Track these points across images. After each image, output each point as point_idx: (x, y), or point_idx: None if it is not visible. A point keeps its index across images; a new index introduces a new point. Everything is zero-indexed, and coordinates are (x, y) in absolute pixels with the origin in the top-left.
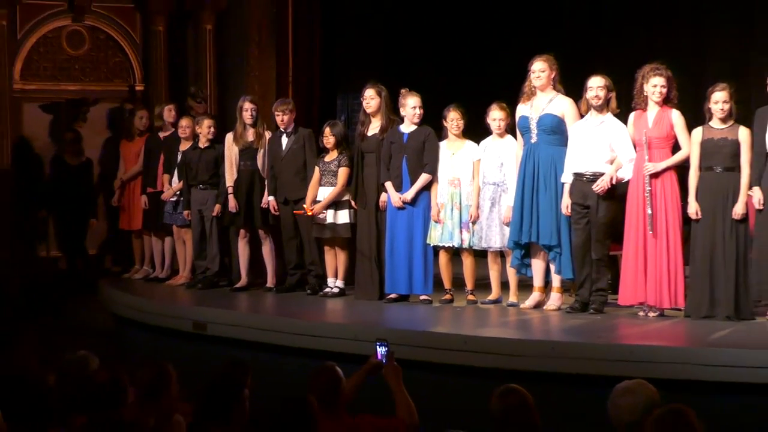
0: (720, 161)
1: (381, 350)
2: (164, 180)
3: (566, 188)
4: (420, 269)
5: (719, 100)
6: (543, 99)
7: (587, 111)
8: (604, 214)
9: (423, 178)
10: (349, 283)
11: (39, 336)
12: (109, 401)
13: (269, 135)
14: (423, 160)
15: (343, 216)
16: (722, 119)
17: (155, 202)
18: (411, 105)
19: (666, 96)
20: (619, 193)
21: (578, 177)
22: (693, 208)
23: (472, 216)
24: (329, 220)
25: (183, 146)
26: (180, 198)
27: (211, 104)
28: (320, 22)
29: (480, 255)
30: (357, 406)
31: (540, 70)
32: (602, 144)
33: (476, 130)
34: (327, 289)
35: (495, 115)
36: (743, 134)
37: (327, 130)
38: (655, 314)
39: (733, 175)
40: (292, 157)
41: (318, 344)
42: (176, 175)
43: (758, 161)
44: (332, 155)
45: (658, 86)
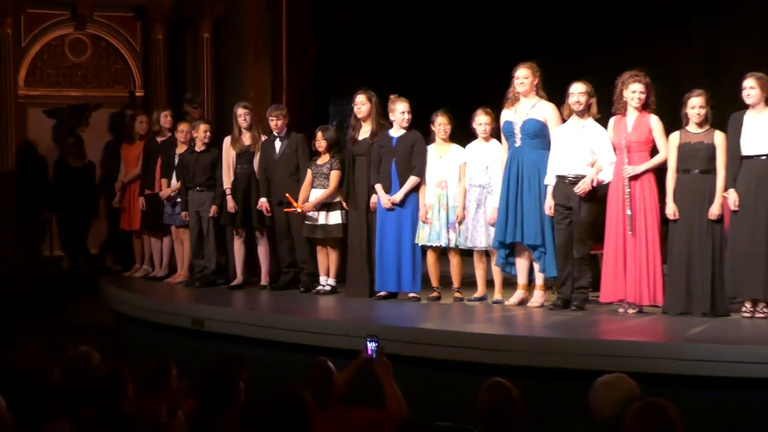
0: (696, 164)
1: (371, 346)
2: (162, 183)
3: (549, 190)
4: (408, 268)
5: (696, 105)
6: (526, 104)
7: (569, 116)
8: (586, 215)
9: (411, 181)
10: (341, 281)
11: (42, 332)
12: (110, 395)
13: (264, 138)
14: (411, 163)
15: (335, 217)
16: (698, 124)
17: (153, 204)
18: (400, 110)
19: (644, 102)
20: (600, 195)
21: (561, 179)
22: (671, 209)
23: (458, 217)
24: (321, 221)
25: (180, 149)
26: (178, 199)
27: (209, 109)
28: (313, 31)
29: (466, 254)
30: (349, 399)
31: (523, 77)
32: (584, 148)
33: (463, 135)
34: (319, 287)
35: (480, 120)
36: (719, 138)
37: (319, 135)
38: (635, 311)
39: (709, 178)
40: (286, 161)
41: (311, 340)
42: (174, 177)
43: (733, 164)
44: (324, 158)
45: (637, 92)
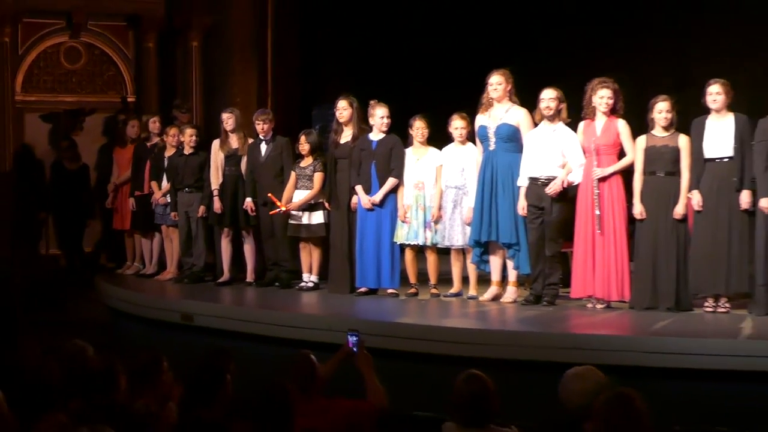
0: (662, 166)
1: (352, 339)
2: (153, 186)
3: (522, 191)
4: (387, 265)
5: (663, 110)
6: (500, 109)
7: (540, 120)
8: (557, 215)
9: (390, 182)
10: (323, 278)
11: (40, 327)
12: (103, 387)
13: (251, 141)
14: (390, 166)
15: (318, 217)
16: (665, 128)
17: (143, 205)
18: (379, 115)
19: (612, 107)
20: (570, 196)
21: (533, 181)
22: (638, 209)
23: (434, 216)
24: (305, 221)
25: (169, 153)
26: (169, 200)
27: (198, 114)
28: (297, 40)
29: (442, 252)
30: (331, 391)
31: (497, 83)
32: (554, 151)
33: (440, 138)
34: (302, 284)
35: (456, 125)
36: (683, 141)
37: (302, 138)
38: (603, 306)
39: (674, 179)
40: (271, 163)
41: (295, 334)
42: (165, 179)
43: (696, 166)
44: (308, 161)
45: (605, 97)
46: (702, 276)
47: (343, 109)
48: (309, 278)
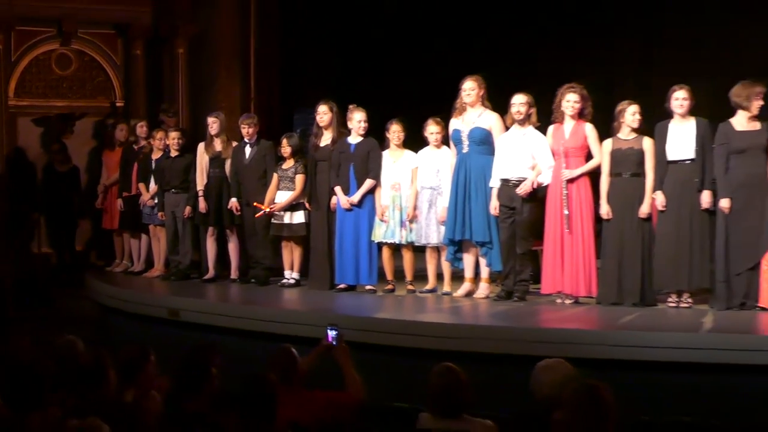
0: (627, 168)
1: (332, 333)
2: (141, 187)
3: (494, 192)
4: (365, 263)
5: (635, 112)
6: (473, 114)
7: (511, 124)
8: (527, 215)
9: (367, 184)
10: (304, 275)
11: (32, 322)
12: (93, 379)
13: (235, 145)
14: (368, 168)
15: (299, 216)
16: (633, 130)
17: (131, 205)
18: (357, 119)
19: (580, 111)
20: (540, 196)
21: (504, 182)
22: (604, 209)
23: (409, 216)
24: (286, 220)
25: (156, 155)
26: (156, 200)
27: (184, 119)
28: (279, 47)
29: (418, 250)
30: (312, 382)
31: (470, 89)
32: (525, 153)
33: (415, 141)
34: (284, 281)
35: (432, 129)
36: (647, 144)
37: (284, 142)
38: (571, 301)
39: (639, 180)
40: (255, 166)
41: (277, 329)
42: (152, 181)
43: (660, 168)
44: (289, 163)
45: (572, 101)
46: (665, 273)
47: (323, 114)
48: (290, 275)
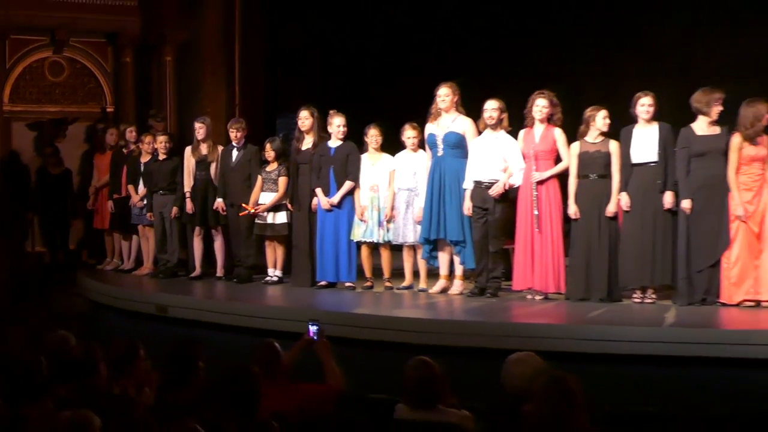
0: (594, 170)
1: (313, 328)
2: (130, 189)
3: (467, 193)
4: (345, 261)
5: (606, 116)
6: (447, 119)
7: (484, 129)
8: (499, 215)
9: (347, 185)
10: (287, 273)
11: (26, 319)
12: (85, 373)
13: (221, 148)
14: (347, 170)
15: (281, 217)
16: (602, 133)
17: (121, 206)
18: (337, 124)
19: (549, 116)
20: (512, 197)
21: (478, 184)
22: (572, 209)
23: (386, 216)
24: (270, 221)
25: (145, 158)
26: (145, 202)
27: (172, 123)
28: (263, 55)
29: (395, 248)
30: (294, 375)
31: (445, 95)
32: (497, 156)
33: (393, 145)
34: (268, 278)
35: (408, 134)
36: (613, 147)
37: (268, 146)
38: (541, 297)
39: (606, 182)
40: (241, 169)
41: (261, 324)
42: (141, 183)
43: (625, 170)
44: (273, 166)
45: (540, 106)
46: (630, 270)
47: (305, 119)
48: (274, 273)
